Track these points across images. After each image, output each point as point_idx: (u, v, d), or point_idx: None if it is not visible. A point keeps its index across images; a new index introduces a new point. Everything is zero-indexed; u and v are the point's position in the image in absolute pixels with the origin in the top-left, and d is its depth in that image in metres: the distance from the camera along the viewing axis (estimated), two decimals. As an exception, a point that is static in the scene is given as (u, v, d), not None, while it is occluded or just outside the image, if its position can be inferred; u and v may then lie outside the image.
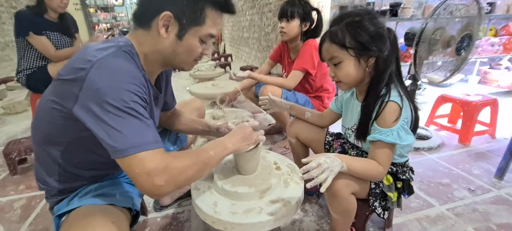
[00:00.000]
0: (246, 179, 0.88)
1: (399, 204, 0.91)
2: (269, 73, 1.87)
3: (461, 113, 1.88)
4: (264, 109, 1.24)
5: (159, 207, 1.18)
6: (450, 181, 1.37)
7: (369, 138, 0.81)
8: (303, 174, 0.69)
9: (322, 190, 0.67)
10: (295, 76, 1.55)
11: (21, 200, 1.28)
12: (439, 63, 1.66)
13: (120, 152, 0.54)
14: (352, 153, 0.97)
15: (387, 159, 0.79)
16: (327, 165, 0.69)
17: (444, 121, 2.10)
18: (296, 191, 0.85)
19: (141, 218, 1.12)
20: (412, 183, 0.92)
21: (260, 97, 1.23)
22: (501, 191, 1.28)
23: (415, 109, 0.84)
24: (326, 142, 1.09)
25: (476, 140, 1.82)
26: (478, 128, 1.84)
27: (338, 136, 1.09)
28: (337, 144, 1.04)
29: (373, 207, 0.86)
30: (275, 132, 2.03)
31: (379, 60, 0.80)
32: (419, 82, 1.72)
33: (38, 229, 1.09)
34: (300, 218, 1.12)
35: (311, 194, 1.26)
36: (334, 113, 1.08)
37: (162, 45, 0.68)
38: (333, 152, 1.05)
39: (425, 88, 2.65)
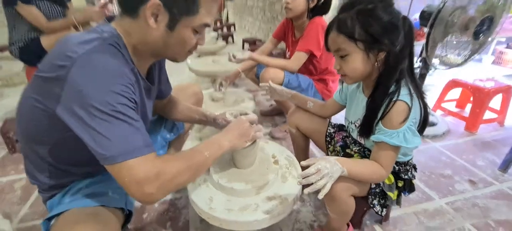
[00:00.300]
0: (242, 173, 0.86)
1: (398, 202, 0.90)
2: (274, 51, 1.77)
3: (471, 99, 1.80)
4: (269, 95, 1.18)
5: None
6: (452, 173, 1.35)
7: (372, 138, 0.77)
8: (302, 179, 0.66)
9: (320, 196, 0.65)
10: (299, 58, 1.46)
11: (21, 181, 1.28)
12: (454, 42, 1.54)
13: (108, 160, 0.51)
14: (354, 148, 0.93)
15: (390, 162, 0.75)
16: (326, 171, 0.66)
17: (452, 105, 2.02)
18: (294, 187, 0.83)
19: (139, 204, 1.12)
20: (414, 180, 0.90)
21: (260, 84, 1.17)
22: (503, 185, 1.26)
23: (425, 107, 0.78)
24: (327, 133, 1.05)
25: (484, 128, 1.76)
26: (487, 115, 1.77)
27: (340, 128, 1.04)
28: (339, 137, 1.00)
29: (371, 205, 0.84)
30: (276, 113, 1.99)
31: (390, 55, 0.72)
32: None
33: (39, 211, 1.10)
34: (297, 208, 1.12)
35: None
36: (338, 104, 1.03)
37: (152, 36, 0.61)
38: (334, 145, 1.02)
39: (435, 69, 2.53)
